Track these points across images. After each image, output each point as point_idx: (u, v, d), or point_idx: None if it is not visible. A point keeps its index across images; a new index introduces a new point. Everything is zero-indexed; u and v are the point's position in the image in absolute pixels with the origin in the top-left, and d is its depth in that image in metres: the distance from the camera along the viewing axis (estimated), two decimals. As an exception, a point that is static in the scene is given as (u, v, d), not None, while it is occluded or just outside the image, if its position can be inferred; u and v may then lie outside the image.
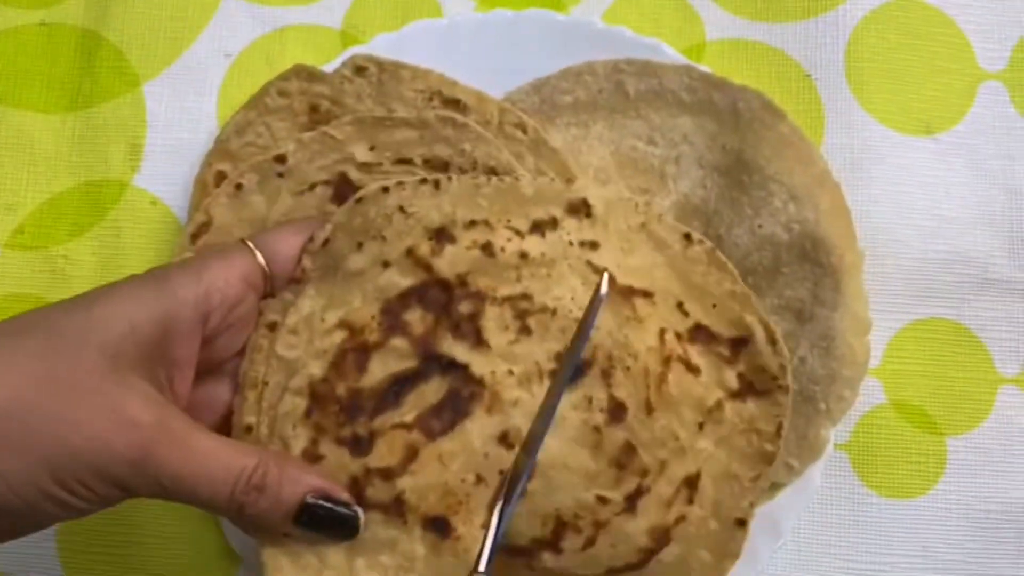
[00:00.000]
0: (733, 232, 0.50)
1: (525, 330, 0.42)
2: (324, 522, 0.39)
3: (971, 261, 0.52)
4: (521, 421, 0.41)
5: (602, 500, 0.41)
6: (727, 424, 0.43)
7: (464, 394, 0.41)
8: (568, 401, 0.42)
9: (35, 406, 0.34)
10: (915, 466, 0.51)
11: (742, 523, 0.43)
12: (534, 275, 0.42)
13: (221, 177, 0.49)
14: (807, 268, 0.49)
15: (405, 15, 0.55)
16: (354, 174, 0.47)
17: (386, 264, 0.42)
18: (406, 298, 0.42)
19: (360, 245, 0.42)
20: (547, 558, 0.41)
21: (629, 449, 0.41)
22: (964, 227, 0.52)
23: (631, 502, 0.41)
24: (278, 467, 0.38)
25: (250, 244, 0.42)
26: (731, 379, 0.43)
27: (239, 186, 0.47)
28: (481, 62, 0.51)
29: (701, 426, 0.42)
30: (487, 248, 0.42)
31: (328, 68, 0.50)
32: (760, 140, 0.49)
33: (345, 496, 0.39)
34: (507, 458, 0.40)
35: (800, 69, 0.54)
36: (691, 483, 0.42)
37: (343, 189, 0.46)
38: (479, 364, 0.41)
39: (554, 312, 0.42)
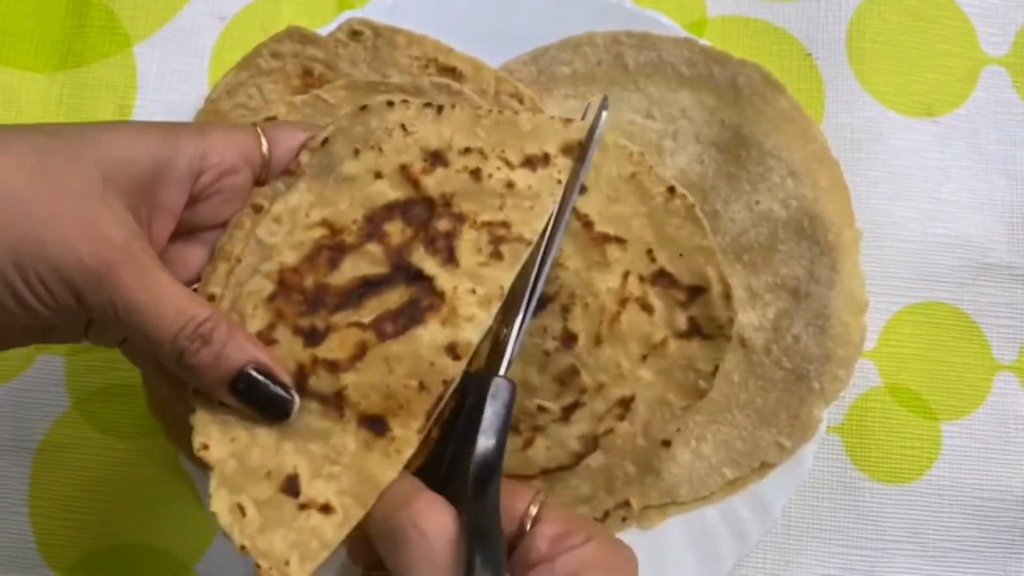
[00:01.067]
0: (730, 207, 0.49)
1: (497, 255, 0.43)
2: (259, 397, 0.39)
3: (970, 245, 0.51)
4: (472, 336, 0.41)
5: (542, 409, 0.46)
6: (669, 359, 0.46)
7: (423, 304, 0.42)
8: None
9: (19, 193, 0.35)
10: (909, 451, 0.50)
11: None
12: (517, 206, 0.43)
13: (210, 138, 0.48)
14: (804, 246, 0.48)
15: (403, -19, 0.54)
16: (346, 138, 0.46)
17: (378, 175, 0.43)
18: (391, 210, 0.43)
19: (357, 152, 0.43)
20: None
21: (573, 371, 0.46)
22: (964, 211, 0.52)
23: (567, 413, 0.46)
24: (228, 329, 0.38)
25: (258, 128, 0.42)
26: (681, 321, 0.46)
27: (228, 146, 0.46)
28: (479, 30, 0.50)
29: (644, 358, 0.46)
30: (476, 173, 0.43)
31: (323, 33, 0.50)
32: (759, 115, 0.49)
33: (285, 378, 0.40)
34: (453, 369, 0.41)
35: (801, 48, 0.53)
36: (625, 403, 0.46)
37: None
38: (444, 279, 0.42)
39: (529, 244, 0.43)
